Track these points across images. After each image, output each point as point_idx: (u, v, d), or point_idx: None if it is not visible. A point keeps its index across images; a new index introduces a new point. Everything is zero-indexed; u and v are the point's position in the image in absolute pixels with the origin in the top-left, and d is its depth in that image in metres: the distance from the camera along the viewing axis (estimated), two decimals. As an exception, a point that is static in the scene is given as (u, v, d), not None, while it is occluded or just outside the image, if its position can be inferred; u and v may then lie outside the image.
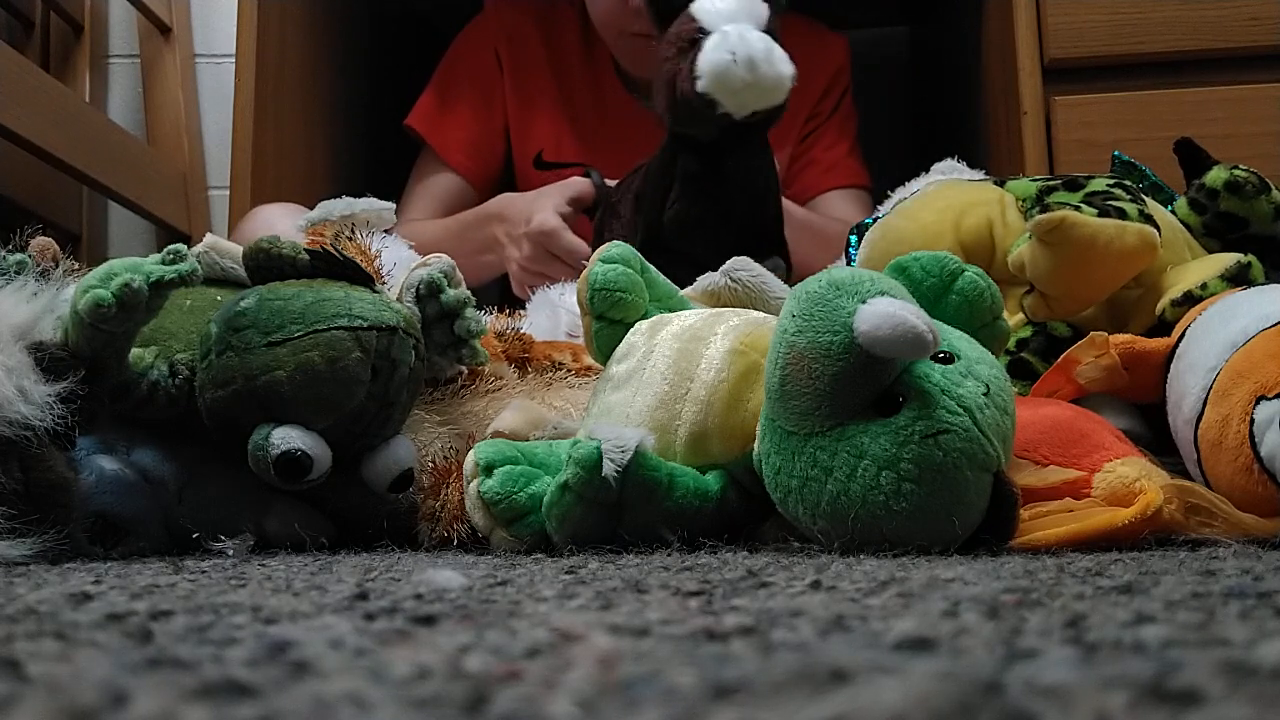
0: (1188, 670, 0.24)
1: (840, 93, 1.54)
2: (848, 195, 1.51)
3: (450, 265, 0.79)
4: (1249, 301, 0.71)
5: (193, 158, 1.70)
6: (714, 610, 0.36)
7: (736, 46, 1.00)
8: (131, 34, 1.76)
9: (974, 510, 0.58)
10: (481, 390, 0.83)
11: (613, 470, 0.61)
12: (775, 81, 1.02)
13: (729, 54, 1.00)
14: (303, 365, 0.67)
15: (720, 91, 1.01)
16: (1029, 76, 1.23)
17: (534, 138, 1.53)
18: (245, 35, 1.38)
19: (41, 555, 0.60)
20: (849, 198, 1.50)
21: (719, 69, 1.00)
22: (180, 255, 0.66)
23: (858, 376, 0.57)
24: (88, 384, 0.64)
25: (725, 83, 1.01)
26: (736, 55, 1.00)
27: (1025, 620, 0.33)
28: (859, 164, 1.54)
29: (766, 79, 1.01)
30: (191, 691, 0.23)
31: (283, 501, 0.74)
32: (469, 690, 0.24)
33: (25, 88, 1.24)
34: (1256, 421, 0.62)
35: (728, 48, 1.00)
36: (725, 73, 1.00)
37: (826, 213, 1.48)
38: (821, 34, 1.55)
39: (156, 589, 0.45)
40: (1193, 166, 0.90)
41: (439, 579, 0.45)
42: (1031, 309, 0.80)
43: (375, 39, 1.71)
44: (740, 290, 0.78)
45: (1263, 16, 1.22)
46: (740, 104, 1.03)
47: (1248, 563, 0.49)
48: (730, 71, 1.00)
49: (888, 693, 0.22)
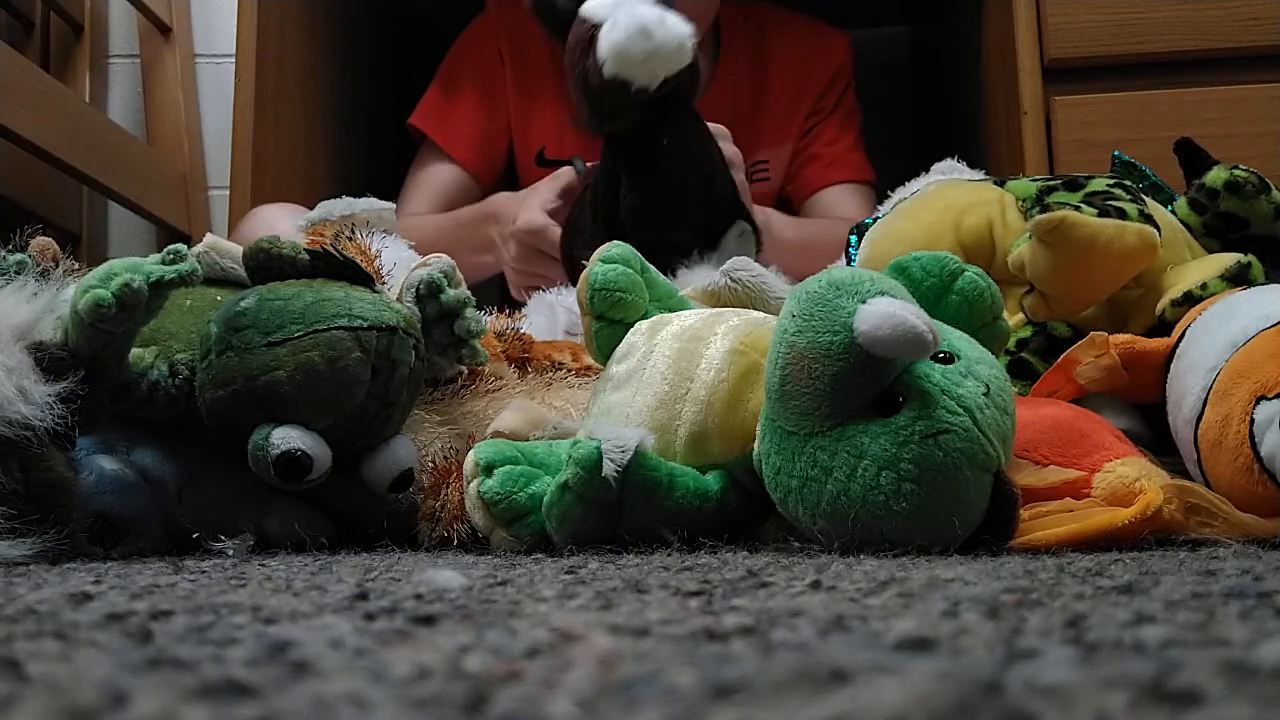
0: (1188, 670, 0.24)
1: (842, 88, 1.54)
2: (851, 190, 1.50)
3: (450, 265, 0.79)
4: (1249, 301, 0.71)
5: (193, 158, 1.70)
6: (714, 610, 0.36)
7: (627, 22, 1.01)
8: (131, 34, 1.76)
9: (974, 510, 0.58)
10: (481, 390, 0.83)
11: (613, 470, 0.61)
12: (676, 42, 1.03)
13: (622, 32, 1.01)
14: (303, 365, 0.67)
15: (626, 68, 1.02)
16: (1029, 76, 1.23)
17: (536, 134, 1.53)
18: (245, 35, 1.38)
19: (41, 555, 0.60)
20: (852, 193, 1.49)
21: (618, 47, 1.01)
22: (180, 255, 0.66)
23: (858, 376, 0.57)
24: (88, 384, 0.64)
25: (627, 58, 1.01)
26: (628, 29, 1.01)
27: (1025, 620, 0.33)
28: (862, 159, 1.53)
29: (666, 43, 1.02)
30: (191, 691, 0.23)
31: (283, 501, 0.74)
32: (469, 690, 0.24)
33: (25, 88, 1.24)
34: (1256, 421, 0.62)
35: (620, 26, 1.01)
36: (624, 49, 1.01)
37: (829, 208, 1.48)
38: (822, 32, 1.55)
39: (156, 589, 0.45)
40: (1193, 166, 0.90)
41: (439, 579, 0.45)
42: (1031, 309, 0.80)
43: (375, 39, 1.71)
44: (740, 290, 0.78)
45: (1263, 16, 1.22)
46: (650, 74, 1.03)
47: (1248, 563, 0.49)
48: (628, 46, 1.01)
49: (888, 693, 0.22)
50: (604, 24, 1.03)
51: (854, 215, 1.43)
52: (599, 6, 1.05)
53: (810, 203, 1.51)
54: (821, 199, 1.50)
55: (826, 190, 1.50)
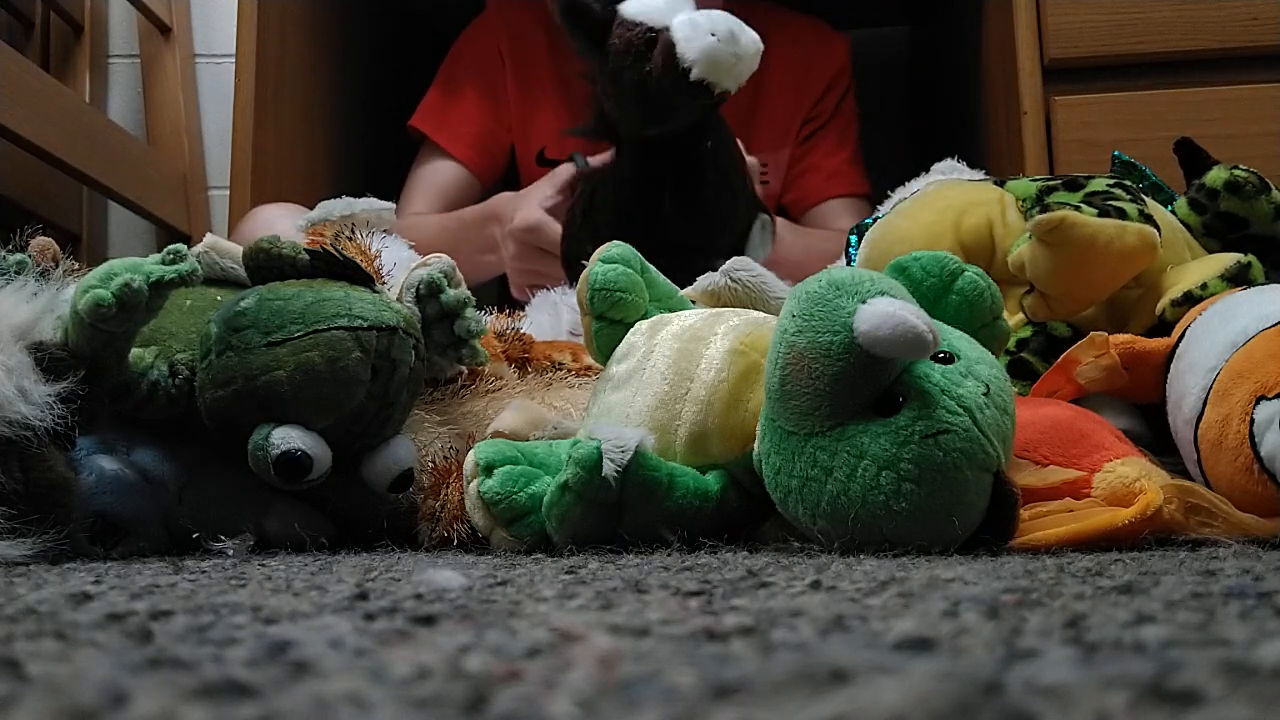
0: (1188, 670, 0.24)
1: (841, 93, 1.54)
2: (847, 204, 1.51)
3: (450, 265, 0.79)
4: (1249, 301, 0.71)
5: (193, 158, 1.70)
6: (714, 610, 0.36)
7: (714, 26, 1.01)
8: (131, 34, 1.76)
9: (974, 510, 0.58)
10: (481, 390, 0.83)
11: (613, 470, 0.61)
12: (756, 48, 1.04)
13: (710, 35, 1.01)
14: (303, 365, 0.67)
15: (715, 72, 1.02)
16: (1029, 76, 1.23)
17: (537, 135, 1.53)
18: (245, 35, 1.38)
19: (41, 555, 0.60)
20: (849, 207, 1.50)
21: (709, 51, 1.01)
22: (180, 255, 0.66)
23: (858, 376, 0.57)
24: (88, 384, 0.64)
25: (718, 62, 1.01)
26: (718, 34, 1.01)
27: (1025, 620, 0.33)
28: (859, 172, 1.53)
29: (749, 49, 1.03)
30: (191, 691, 0.23)
31: (283, 501, 0.74)
32: (469, 690, 0.24)
33: (25, 88, 1.24)
34: (1256, 421, 0.62)
35: (707, 29, 1.01)
36: (715, 53, 1.01)
37: (825, 222, 1.49)
38: (822, 33, 1.54)
39: (156, 589, 0.45)
40: (1193, 166, 0.90)
41: (439, 579, 0.45)
42: (1031, 309, 0.80)
43: (376, 39, 1.71)
44: (740, 290, 0.78)
45: (1263, 16, 1.22)
46: (736, 78, 1.04)
47: (1248, 563, 0.49)
48: (719, 51, 1.01)
49: (888, 693, 0.22)
50: (676, 28, 1.02)
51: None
52: (652, 11, 1.04)
53: (809, 216, 1.52)
54: (818, 213, 1.51)
55: (824, 205, 1.51)
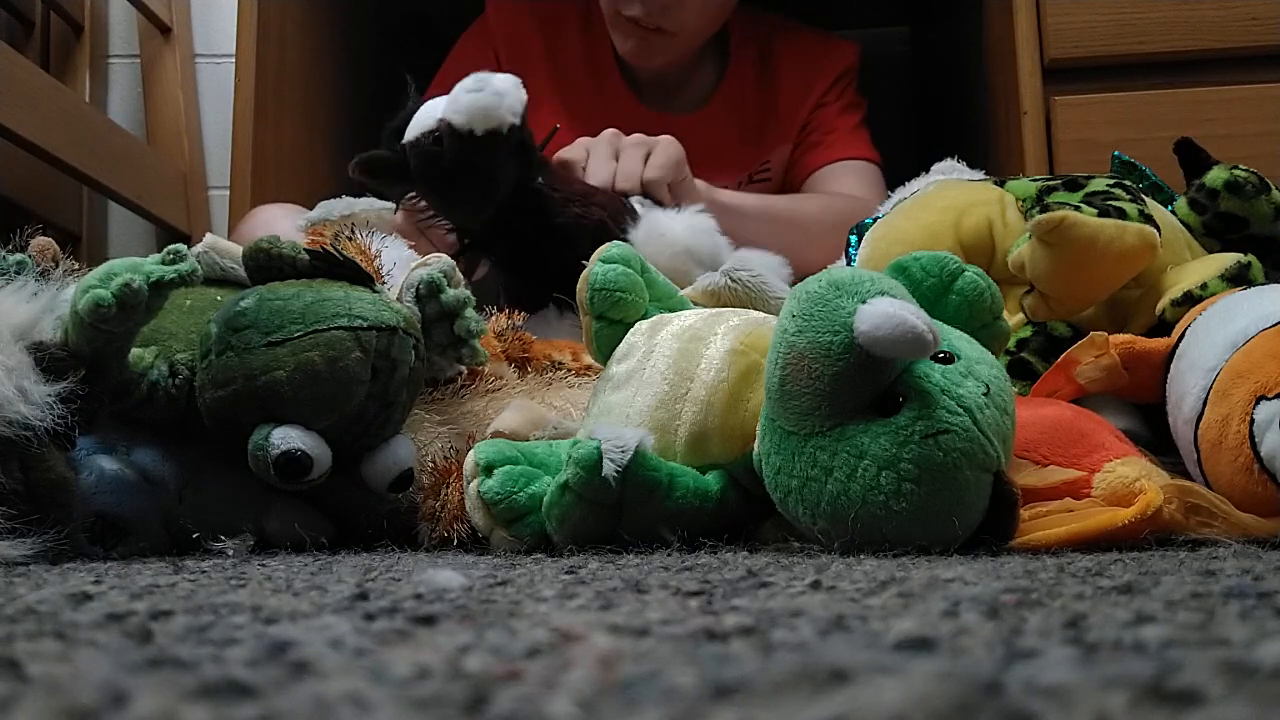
0: (1188, 670, 0.24)
1: (845, 84, 1.52)
2: (852, 167, 1.43)
3: (450, 265, 0.79)
4: (1249, 301, 0.71)
5: (193, 158, 1.70)
6: (714, 610, 0.36)
7: (463, 85, 0.98)
8: (131, 34, 1.76)
9: (974, 510, 0.58)
10: (481, 390, 0.83)
11: (613, 470, 0.61)
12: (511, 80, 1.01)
13: (464, 92, 0.98)
14: (303, 365, 0.67)
15: (488, 116, 0.98)
16: (1029, 76, 1.23)
17: None
18: (245, 35, 1.38)
19: (41, 555, 0.60)
20: (854, 170, 1.42)
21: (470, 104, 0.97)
22: (180, 255, 0.66)
23: (858, 376, 0.57)
24: (88, 384, 0.64)
25: (484, 107, 0.98)
26: (468, 87, 0.98)
27: (1025, 620, 0.33)
28: (864, 140, 1.47)
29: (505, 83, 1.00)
30: (191, 691, 0.23)
31: (283, 501, 0.74)
32: (469, 690, 0.24)
33: (25, 88, 1.24)
34: (1256, 421, 0.62)
35: (460, 90, 0.98)
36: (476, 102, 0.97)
37: (830, 186, 1.42)
38: (828, 42, 1.53)
39: (156, 589, 0.45)
40: (1193, 166, 0.90)
41: (439, 579, 0.45)
42: (1031, 309, 0.80)
43: (376, 39, 1.71)
44: (740, 290, 0.78)
45: (1263, 16, 1.22)
46: (511, 109, 1.00)
47: (1248, 563, 0.49)
48: (479, 99, 0.98)
49: (888, 693, 0.22)
50: (443, 113, 0.99)
51: (855, 192, 1.37)
52: (422, 121, 1.01)
53: (808, 183, 1.45)
54: (822, 178, 1.43)
55: (828, 168, 1.43)
